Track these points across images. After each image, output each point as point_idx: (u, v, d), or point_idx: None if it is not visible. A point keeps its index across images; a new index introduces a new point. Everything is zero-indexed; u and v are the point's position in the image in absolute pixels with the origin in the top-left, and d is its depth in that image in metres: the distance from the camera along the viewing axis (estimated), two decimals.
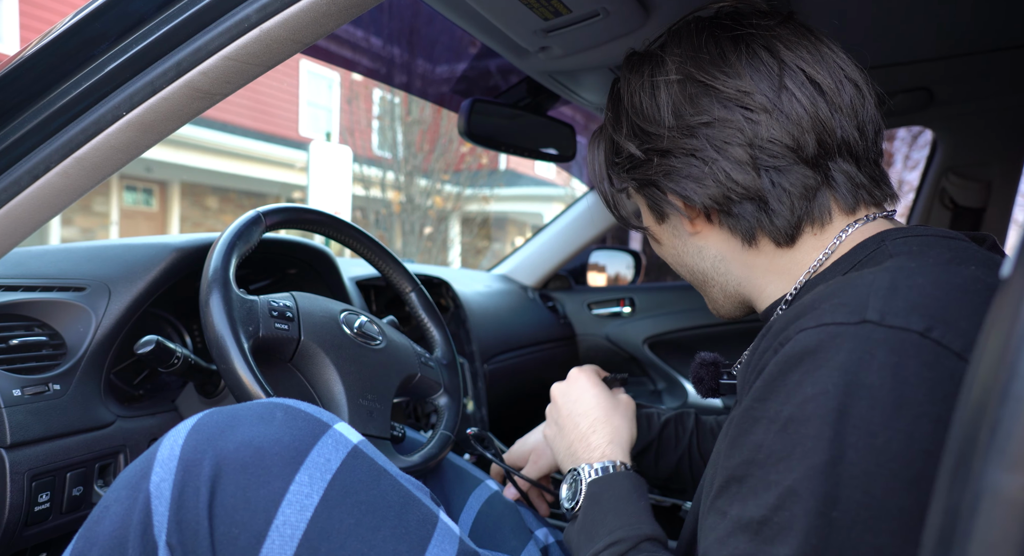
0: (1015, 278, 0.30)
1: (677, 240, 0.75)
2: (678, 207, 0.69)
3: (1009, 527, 0.27)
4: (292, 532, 0.58)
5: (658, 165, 0.68)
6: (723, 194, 0.65)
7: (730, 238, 0.70)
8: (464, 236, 13.15)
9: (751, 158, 0.64)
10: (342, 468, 0.62)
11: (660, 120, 0.67)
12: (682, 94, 0.66)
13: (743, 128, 0.64)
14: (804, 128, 0.63)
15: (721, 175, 0.65)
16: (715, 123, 0.65)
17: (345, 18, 0.68)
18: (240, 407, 0.65)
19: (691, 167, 0.66)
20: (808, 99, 0.64)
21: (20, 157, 0.73)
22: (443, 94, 1.78)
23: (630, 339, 2.18)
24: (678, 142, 0.66)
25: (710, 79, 0.65)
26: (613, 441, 0.78)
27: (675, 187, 0.68)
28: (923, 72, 1.48)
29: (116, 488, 0.61)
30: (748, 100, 0.64)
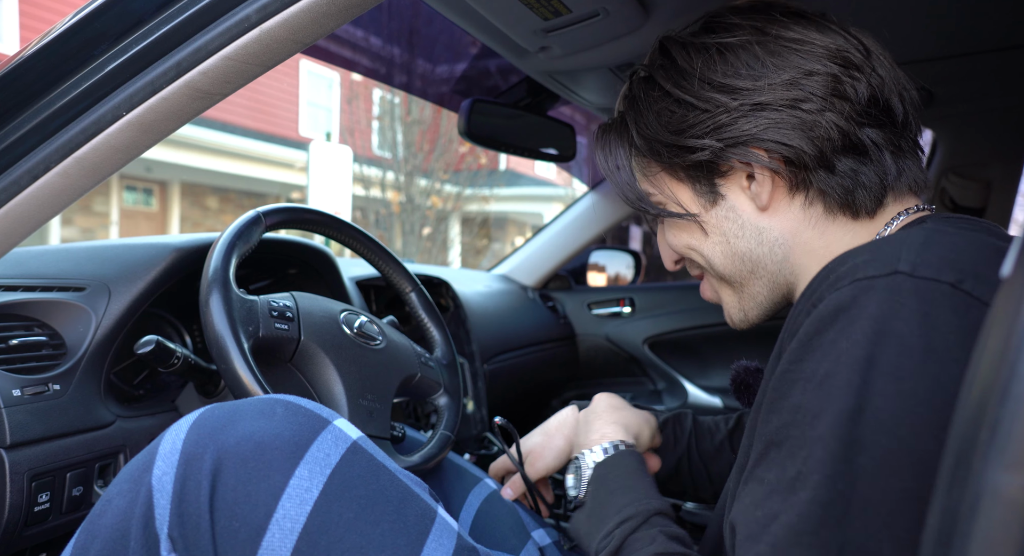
0: (1015, 278, 0.30)
1: (731, 224, 0.69)
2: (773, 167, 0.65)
3: (1009, 527, 0.27)
4: (292, 525, 0.58)
5: (757, 119, 0.64)
6: (831, 146, 0.63)
7: (804, 213, 0.67)
8: (464, 236, 13.15)
9: (852, 110, 0.63)
10: (341, 463, 0.62)
11: (755, 74, 0.64)
12: (767, 52, 0.65)
13: (842, 81, 0.63)
14: (892, 91, 0.64)
15: (828, 125, 0.63)
16: (815, 75, 0.63)
17: (345, 18, 0.68)
18: (241, 403, 0.65)
19: (795, 118, 0.63)
20: (890, 66, 0.65)
21: (20, 157, 0.73)
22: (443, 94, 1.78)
23: (630, 339, 2.18)
24: (780, 93, 0.64)
25: (800, 36, 0.65)
26: (614, 422, 0.81)
27: (781, 138, 0.64)
28: (923, 72, 1.48)
29: (118, 482, 0.62)
30: (842, 57, 0.64)
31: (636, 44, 1.09)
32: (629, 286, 2.36)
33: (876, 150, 0.64)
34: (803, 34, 0.65)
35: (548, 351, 2.08)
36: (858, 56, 0.64)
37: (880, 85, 0.64)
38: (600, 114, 1.53)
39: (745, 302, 0.74)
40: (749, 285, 0.72)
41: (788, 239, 0.68)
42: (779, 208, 0.67)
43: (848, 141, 0.63)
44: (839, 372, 0.47)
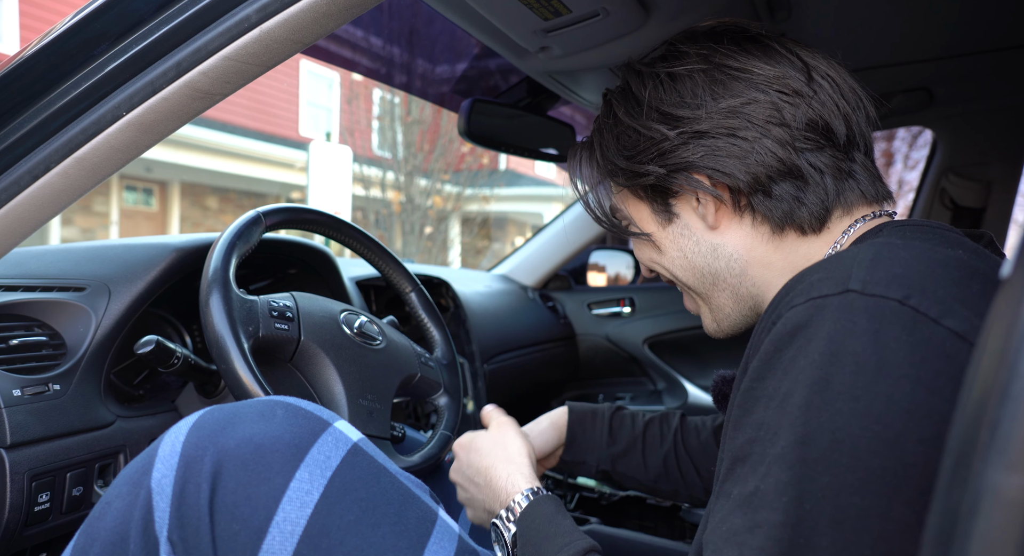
0: (1015, 278, 0.30)
1: (686, 241, 0.73)
2: (713, 193, 0.68)
3: (1009, 527, 0.27)
4: (292, 528, 0.58)
5: (696, 146, 0.67)
6: (765, 172, 0.66)
7: (754, 231, 0.69)
8: (464, 236, 13.15)
9: (790, 137, 0.65)
10: (342, 465, 0.62)
11: (696, 103, 0.67)
12: (710, 81, 0.68)
13: (781, 108, 0.65)
14: (834, 114, 0.66)
15: (764, 152, 0.65)
16: (754, 103, 0.66)
17: (345, 18, 0.68)
18: (241, 405, 0.65)
19: (732, 146, 0.66)
20: (832, 89, 0.67)
21: (20, 157, 0.73)
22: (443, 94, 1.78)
23: (630, 339, 2.18)
24: (717, 122, 0.66)
25: (742, 65, 0.67)
26: (511, 473, 0.76)
27: (717, 166, 0.67)
28: (923, 72, 1.48)
29: (118, 485, 0.62)
30: (782, 84, 0.66)
31: (636, 44, 1.09)
32: (629, 286, 2.36)
33: (816, 174, 0.66)
34: (745, 63, 0.67)
35: (548, 351, 2.08)
36: (798, 83, 0.66)
37: (820, 110, 0.66)
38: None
39: (715, 313, 0.76)
40: (714, 297, 0.74)
41: (743, 254, 0.70)
42: (729, 227, 0.70)
43: (785, 167, 0.65)
44: (797, 391, 0.49)
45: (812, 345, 0.49)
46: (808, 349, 0.49)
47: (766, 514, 0.47)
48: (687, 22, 1.06)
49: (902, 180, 15.79)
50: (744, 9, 1.10)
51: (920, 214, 1.97)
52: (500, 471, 0.76)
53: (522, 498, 0.72)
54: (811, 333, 0.49)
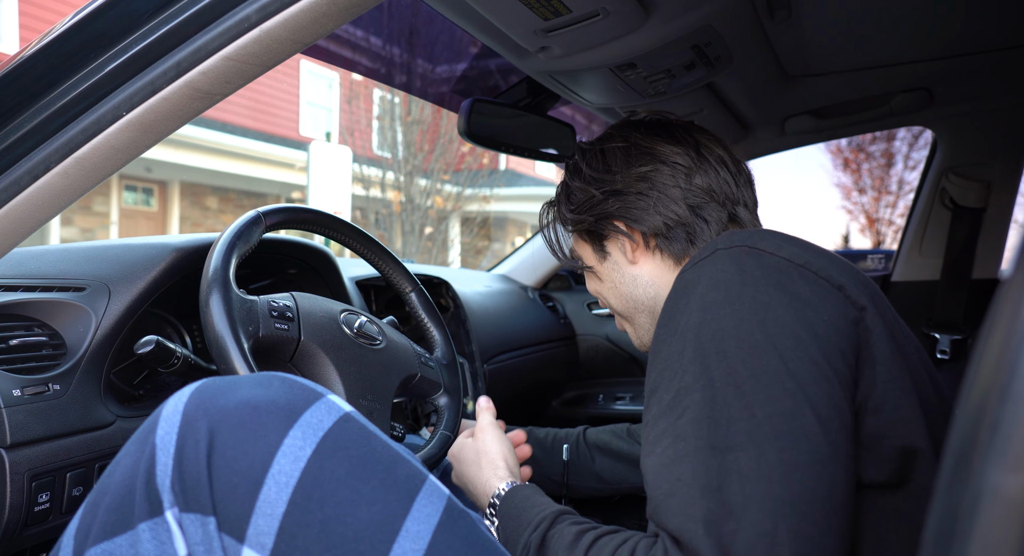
0: (1015, 278, 0.30)
1: (616, 273, 0.96)
2: (628, 235, 0.92)
3: (1009, 527, 0.27)
4: (287, 480, 0.61)
5: (614, 201, 0.92)
6: (663, 222, 0.90)
7: (663, 263, 0.93)
8: (464, 236, 13.14)
9: (683, 197, 0.90)
10: (334, 428, 0.66)
11: (614, 169, 0.93)
12: (628, 154, 0.93)
13: (676, 176, 0.90)
14: (713, 182, 0.91)
15: (662, 207, 0.90)
16: (657, 171, 0.91)
17: (345, 18, 0.68)
18: (239, 376, 0.70)
19: (640, 201, 0.91)
20: (716, 165, 0.92)
21: (20, 157, 0.73)
22: (443, 94, 1.78)
23: (629, 340, 2.18)
24: (630, 184, 0.91)
25: (651, 143, 0.93)
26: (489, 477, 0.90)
27: (628, 216, 0.91)
28: (923, 72, 1.48)
29: (127, 445, 0.66)
30: (678, 159, 0.91)
31: (636, 44, 1.09)
32: None
33: (702, 222, 0.90)
34: (653, 143, 0.93)
35: (548, 351, 2.08)
36: (689, 158, 0.91)
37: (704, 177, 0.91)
38: (600, 114, 1.53)
39: (639, 330, 0.99)
40: (636, 317, 0.98)
41: (654, 280, 0.94)
42: (644, 261, 0.94)
43: (679, 218, 0.90)
44: (691, 316, 0.68)
45: (698, 287, 0.70)
46: (695, 291, 0.70)
47: (688, 398, 0.64)
48: (687, 22, 1.06)
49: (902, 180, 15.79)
50: (744, 9, 1.10)
51: (920, 214, 1.97)
52: (480, 477, 0.91)
53: (499, 493, 0.86)
54: (696, 280, 0.71)
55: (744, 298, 0.67)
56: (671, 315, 0.71)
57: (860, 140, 15.60)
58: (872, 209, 16.14)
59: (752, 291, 0.68)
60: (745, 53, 1.25)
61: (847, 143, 15.79)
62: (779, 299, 0.67)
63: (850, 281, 0.71)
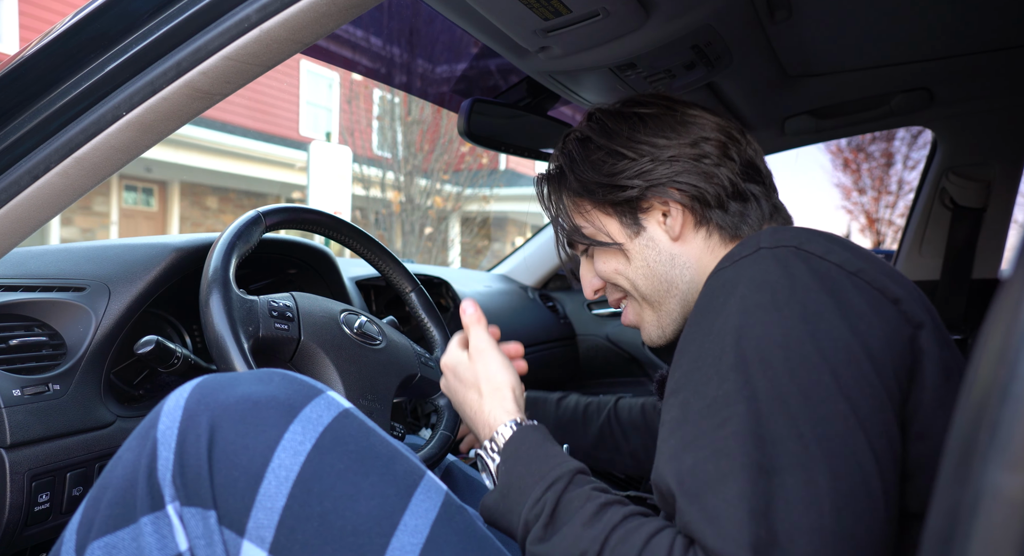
0: (1015, 278, 0.30)
1: (651, 251, 0.86)
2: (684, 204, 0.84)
3: (1009, 527, 0.27)
4: (287, 474, 0.62)
5: (667, 167, 0.83)
6: (723, 192, 0.83)
7: (708, 242, 0.85)
8: (464, 236, 13.14)
9: (737, 168, 0.84)
10: (333, 423, 0.66)
11: (665, 135, 0.84)
12: (674, 121, 0.85)
13: (728, 147, 0.84)
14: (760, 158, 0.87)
15: (722, 177, 0.83)
16: (709, 141, 0.84)
17: (345, 18, 0.68)
18: (240, 372, 0.71)
19: (697, 169, 0.83)
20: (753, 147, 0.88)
21: (20, 157, 0.73)
22: (443, 94, 1.78)
23: (630, 339, 2.18)
24: (684, 150, 0.83)
25: (696, 113, 0.86)
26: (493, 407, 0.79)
27: (689, 181, 0.83)
28: (923, 72, 1.48)
29: (129, 440, 0.67)
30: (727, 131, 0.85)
31: (636, 44, 1.09)
32: None
33: (754, 198, 0.85)
34: (700, 112, 0.86)
35: (548, 351, 2.08)
36: (736, 132, 0.86)
37: (753, 154, 0.86)
38: None
39: (663, 319, 0.89)
40: (666, 303, 0.88)
41: (694, 263, 0.85)
42: (687, 238, 0.85)
43: (736, 190, 0.84)
44: (732, 318, 0.62)
45: (738, 288, 0.64)
46: (735, 292, 0.64)
47: (731, 409, 0.58)
48: (687, 22, 1.06)
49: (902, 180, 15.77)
50: (744, 9, 1.10)
51: (920, 214, 1.97)
52: (484, 404, 0.80)
53: (505, 429, 0.76)
54: (736, 281, 0.65)
55: (793, 305, 0.61)
56: (704, 313, 0.65)
57: (860, 140, 15.60)
58: (872, 209, 16.15)
59: (802, 297, 0.61)
60: (745, 53, 1.25)
61: (847, 143, 15.79)
62: (832, 309, 0.60)
63: (906, 294, 0.65)
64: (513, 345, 0.98)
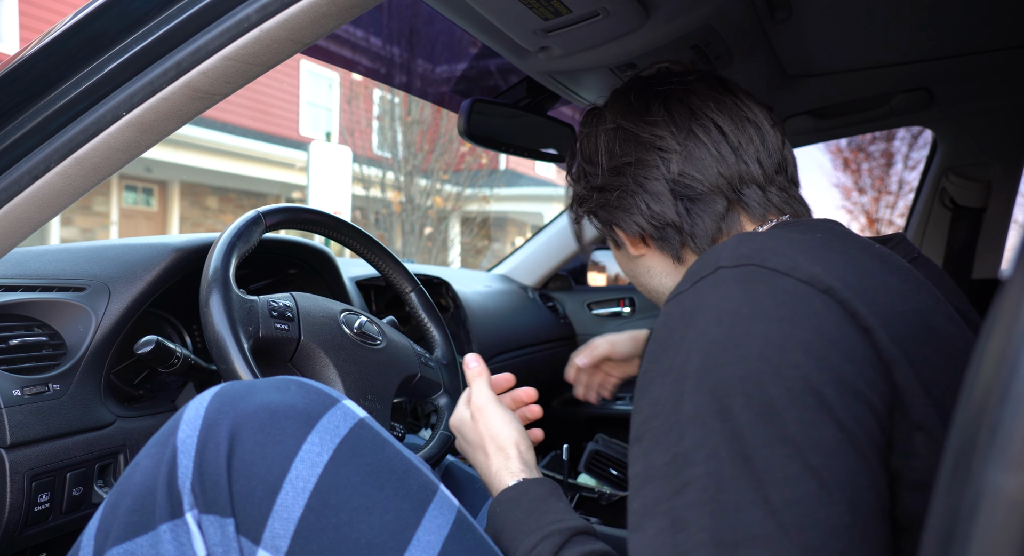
0: (1015, 278, 0.30)
1: (629, 262, 0.86)
2: (617, 234, 0.82)
3: (1009, 527, 0.27)
4: (304, 485, 0.62)
5: (596, 199, 0.82)
6: (647, 222, 0.78)
7: (665, 257, 0.81)
8: (464, 236, 13.14)
9: (670, 190, 0.76)
10: (349, 435, 0.66)
11: (597, 162, 0.81)
12: (614, 140, 0.80)
13: (659, 166, 0.76)
14: (706, 165, 0.76)
15: (643, 205, 0.77)
16: (636, 163, 0.77)
17: (345, 18, 0.68)
18: (258, 380, 0.71)
19: (621, 200, 0.79)
20: (712, 142, 0.76)
21: (20, 157, 0.73)
22: (443, 94, 1.78)
23: None
24: (609, 179, 0.80)
25: (633, 127, 0.78)
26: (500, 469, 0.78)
27: (610, 217, 0.81)
28: (923, 72, 1.48)
29: (147, 447, 0.67)
30: (661, 143, 0.76)
31: (636, 44, 1.09)
32: (629, 286, 2.36)
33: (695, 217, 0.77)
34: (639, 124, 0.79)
35: (548, 351, 2.08)
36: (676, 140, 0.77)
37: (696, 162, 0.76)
38: None
39: None
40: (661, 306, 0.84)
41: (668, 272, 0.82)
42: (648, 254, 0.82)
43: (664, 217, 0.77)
44: (692, 358, 0.54)
45: (698, 317, 0.56)
46: (695, 322, 0.55)
47: (689, 471, 0.50)
48: (687, 22, 1.06)
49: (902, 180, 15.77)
50: (744, 9, 1.10)
51: (920, 214, 1.97)
52: (491, 465, 0.79)
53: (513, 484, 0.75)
54: (696, 309, 0.56)
55: (753, 340, 0.52)
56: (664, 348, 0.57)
57: (860, 140, 15.60)
58: (872, 209, 16.14)
59: (763, 330, 0.52)
60: (745, 53, 1.25)
61: (847, 143, 15.79)
62: (796, 341, 0.51)
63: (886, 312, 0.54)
64: (523, 391, 0.95)
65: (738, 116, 0.77)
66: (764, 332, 0.52)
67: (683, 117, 0.77)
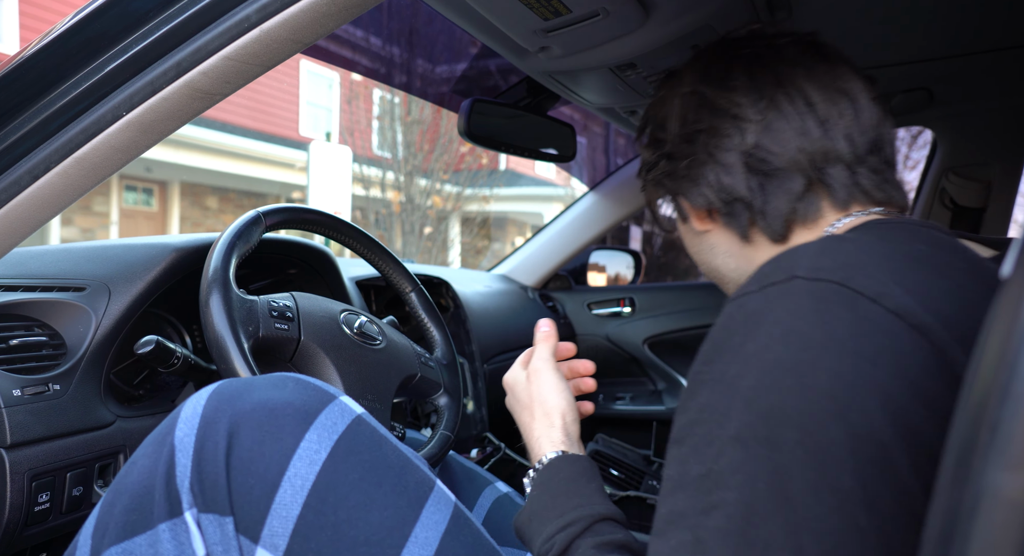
0: (1015, 278, 0.30)
1: (693, 238, 0.80)
2: (683, 205, 0.77)
3: (1009, 527, 0.27)
4: (302, 483, 0.62)
5: (664, 167, 0.76)
6: (715, 195, 0.72)
7: (731, 235, 0.75)
8: (464, 236, 13.14)
9: (743, 163, 0.70)
10: (347, 431, 0.66)
11: (668, 128, 0.75)
12: (688, 105, 0.74)
13: (733, 136, 0.70)
14: (787, 138, 0.68)
15: (713, 177, 0.71)
16: (709, 131, 0.71)
17: (345, 18, 0.68)
18: (255, 377, 0.70)
19: (689, 169, 0.73)
20: (797, 113, 0.69)
21: (20, 157, 0.73)
22: (443, 94, 1.78)
23: (630, 339, 2.18)
24: (679, 147, 0.74)
25: (711, 92, 0.72)
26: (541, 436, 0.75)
27: (676, 187, 0.75)
28: (923, 72, 1.48)
29: (144, 446, 0.67)
30: (738, 111, 0.70)
31: (636, 44, 1.09)
32: (629, 286, 2.36)
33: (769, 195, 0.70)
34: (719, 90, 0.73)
35: None
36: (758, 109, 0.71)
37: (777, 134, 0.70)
38: (600, 114, 1.53)
39: None
40: (724, 286, 0.81)
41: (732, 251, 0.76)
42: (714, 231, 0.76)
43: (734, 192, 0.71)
44: (748, 373, 0.49)
45: (762, 329, 0.50)
46: (757, 333, 0.50)
47: (721, 494, 0.47)
48: (687, 22, 1.06)
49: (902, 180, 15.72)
50: (744, 9, 1.10)
51: (920, 214, 1.97)
52: (534, 428, 0.77)
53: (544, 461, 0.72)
54: (760, 318, 0.51)
55: (821, 370, 0.46)
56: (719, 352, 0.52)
57: None
58: None
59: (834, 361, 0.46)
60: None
61: None
62: (871, 381, 0.45)
63: None
64: (581, 363, 0.90)
65: (830, 87, 0.70)
66: (836, 366, 0.46)
67: (767, 85, 0.70)
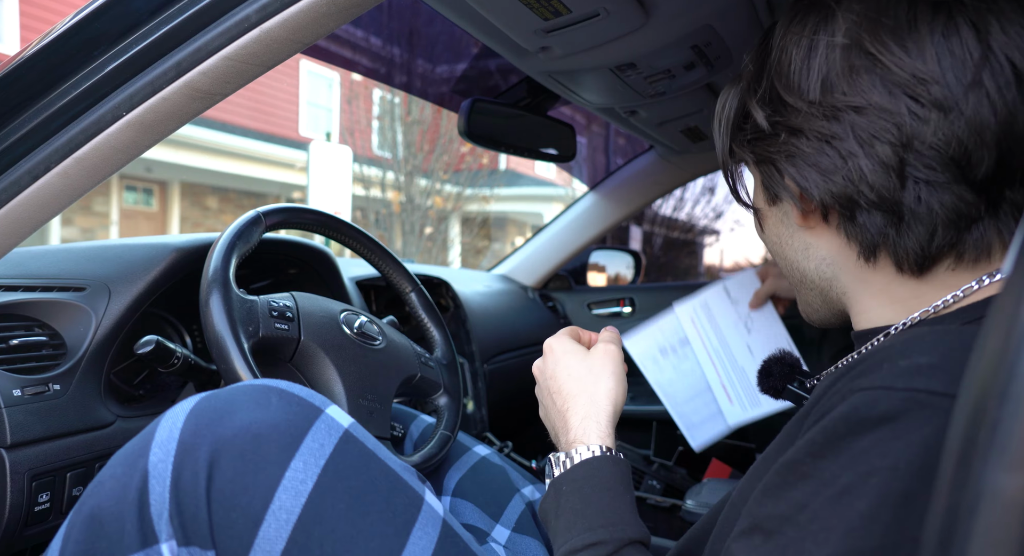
0: (1015, 278, 0.30)
1: (783, 229, 0.65)
2: (793, 195, 0.59)
3: (1009, 527, 0.27)
4: (287, 517, 0.60)
5: (783, 143, 0.57)
6: (850, 196, 0.55)
7: (845, 246, 0.59)
8: (464, 236, 13.14)
9: (899, 162, 0.52)
10: (335, 453, 0.64)
11: (803, 90, 0.56)
12: (843, 64, 0.54)
13: (903, 124, 0.51)
14: (985, 140, 0.50)
15: (855, 174, 0.53)
16: (868, 109, 0.52)
17: (345, 18, 0.68)
18: (236, 390, 0.66)
19: (821, 155, 0.55)
20: (1005, 104, 0.49)
21: (20, 157, 0.73)
22: (443, 94, 1.78)
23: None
24: (814, 122, 0.55)
25: (883, 52, 0.51)
26: (587, 416, 0.68)
27: (795, 173, 0.57)
28: None
29: (111, 466, 0.62)
30: (922, 90, 0.50)
31: (636, 44, 1.09)
32: (629, 286, 2.36)
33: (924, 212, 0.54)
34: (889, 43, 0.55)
35: None
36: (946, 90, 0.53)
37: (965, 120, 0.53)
38: (600, 114, 1.53)
39: (804, 306, 0.69)
40: (802, 292, 0.68)
41: (837, 261, 0.61)
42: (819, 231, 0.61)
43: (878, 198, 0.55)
44: (865, 495, 0.42)
45: (897, 445, 0.41)
46: (890, 449, 0.41)
47: None
48: (687, 22, 1.06)
49: None
50: (744, 9, 1.10)
51: None
52: (578, 409, 0.69)
53: (587, 452, 0.65)
54: (899, 431, 0.42)
55: None
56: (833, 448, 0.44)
57: None
58: None
59: None
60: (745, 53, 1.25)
61: None
62: None
63: None
64: None
65: None
66: None
67: (970, 54, 0.49)
